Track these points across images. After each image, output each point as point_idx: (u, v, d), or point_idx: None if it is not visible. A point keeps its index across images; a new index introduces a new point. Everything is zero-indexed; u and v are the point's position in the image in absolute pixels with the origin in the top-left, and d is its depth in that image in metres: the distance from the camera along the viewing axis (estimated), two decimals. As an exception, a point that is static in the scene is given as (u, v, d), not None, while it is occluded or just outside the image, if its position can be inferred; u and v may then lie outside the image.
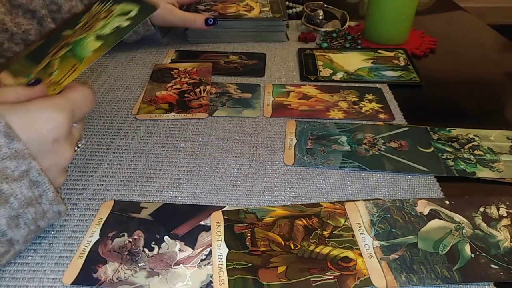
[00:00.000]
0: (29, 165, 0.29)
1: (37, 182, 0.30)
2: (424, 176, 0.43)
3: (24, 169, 0.29)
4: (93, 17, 0.44)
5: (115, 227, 0.37)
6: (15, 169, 0.29)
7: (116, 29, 0.41)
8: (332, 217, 0.38)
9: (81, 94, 0.35)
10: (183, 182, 0.42)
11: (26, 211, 0.30)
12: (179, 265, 0.34)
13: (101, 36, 0.40)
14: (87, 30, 0.42)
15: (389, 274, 0.33)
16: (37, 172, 0.30)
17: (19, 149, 0.29)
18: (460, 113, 0.55)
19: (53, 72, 0.39)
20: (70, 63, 0.39)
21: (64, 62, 0.39)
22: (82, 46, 0.40)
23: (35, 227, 0.32)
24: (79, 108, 0.34)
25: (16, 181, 0.29)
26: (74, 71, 0.38)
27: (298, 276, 0.33)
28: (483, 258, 0.34)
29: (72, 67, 0.38)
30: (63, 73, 0.38)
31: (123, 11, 0.43)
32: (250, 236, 0.36)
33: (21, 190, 0.29)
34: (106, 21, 0.42)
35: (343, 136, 0.49)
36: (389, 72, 0.63)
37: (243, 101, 0.56)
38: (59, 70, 0.39)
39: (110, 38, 0.40)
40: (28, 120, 0.30)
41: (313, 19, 0.77)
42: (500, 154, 0.46)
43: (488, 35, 0.80)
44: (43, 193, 0.31)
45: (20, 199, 0.29)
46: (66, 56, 0.40)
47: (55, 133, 0.31)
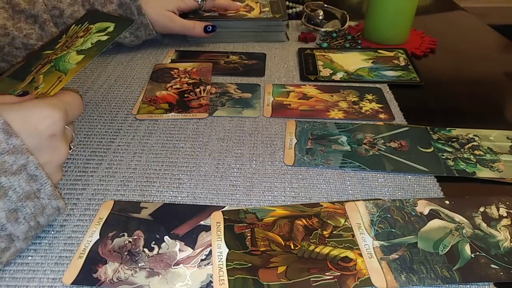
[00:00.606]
0: (26, 160, 0.31)
1: (34, 176, 0.31)
2: (424, 176, 0.43)
3: (22, 164, 0.30)
4: (71, 37, 0.47)
5: (115, 227, 0.37)
6: (13, 163, 0.30)
7: (96, 43, 0.43)
8: (332, 217, 0.38)
9: (72, 98, 0.36)
10: (183, 182, 0.42)
11: (25, 204, 0.31)
12: (179, 265, 0.34)
13: (83, 50, 0.43)
14: (67, 47, 0.44)
15: (389, 274, 0.33)
16: (34, 166, 0.31)
17: (17, 144, 0.30)
18: (460, 113, 0.55)
19: (39, 86, 0.41)
20: (55, 76, 0.41)
21: (48, 76, 0.41)
22: (65, 61, 0.42)
23: (35, 223, 0.32)
24: (72, 109, 0.36)
25: (15, 174, 0.30)
26: (60, 81, 0.40)
27: (298, 276, 0.33)
28: (483, 258, 0.34)
29: (58, 79, 0.40)
30: (49, 85, 0.40)
31: (101, 28, 0.45)
32: (250, 236, 0.36)
33: (19, 183, 0.30)
34: (85, 38, 0.44)
35: (343, 136, 0.49)
36: (389, 72, 0.63)
37: (243, 101, 0.56)
38: (44, 84, 0.40)
39: (92, 51, 0.43)
40: (25, 117, 0.32)
41: (313, 19, 0.77)
42: (500, 154, 0.46)
43: (488, 35, 0.80)
44: (41, 187, 0.32)
45: (19, 192, 0.30)
46: (50, 71, 0.42)
47: (51, 129, 0.33)
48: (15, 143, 0.30)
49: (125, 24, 0.46)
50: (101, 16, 0.49)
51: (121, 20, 0.47)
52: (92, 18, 0.48)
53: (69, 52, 0.43)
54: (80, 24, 0.49)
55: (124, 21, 0.47)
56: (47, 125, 0.32)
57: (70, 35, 0.47)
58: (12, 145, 0.30)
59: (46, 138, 0.32)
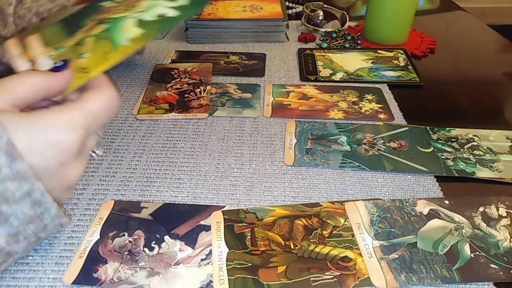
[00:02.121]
0: (31, 187, 0.27)
1: (39, 201, 0.28)
2: (423, 176, 0.43)
3: (26, 191, 0.27)
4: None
5: (115, 227, 0.37)
6: (16, 190, 0.26)
7: (159, 17, 0.35)
8: (332, 217, 0.38)
9: (103, 102, 0.31)
10: (183, 182, 0.42)
11: (26, 227, 0.28)
12: (179, 264, 0.34)
13: (142, 22, 0.35)
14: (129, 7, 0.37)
15: (389, 273, 0.33)
16: (40, 193, 0.28)
17: (21, 170, 0.26)
18: (460, 113, 0.55)
19: (83, 53, 0.34)
20: (104, 48, 0.34)
21: (97, 44, 0.35)
22: (120, 28, 0.35)
23: (35, 238, 0.30)
24: (99, 120, 0.31)
25: (17, 202, 0.27)
26: (106, 60, 0.33)
27: (298, 276, 0.33)
28: (482, 258, 0.34)
29: (105, 55, 0.34)
30: (94, 58, 0.34)
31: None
32: (250, 236, 0.36)
33: (22, 210, 0.27)
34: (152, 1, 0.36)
35: (343, 136, 0.49)
36: (389, 72, 0.63)
37: (243, 101, 0.56)
38: (91, 54, 0.34)
39: (152, 29, 0.35)
40: (33, 139, 0.27)
41: (313, 19, 0.78)
42: (500, 154, 0.46)
43: (488, 35, 0.80)
44: (45, 210, 0.29)
45: (21, 218, 0.28)
46: (101, 37, 0.35)
47: (61, 157, 0.28)
48: (19, 169, 0.26)
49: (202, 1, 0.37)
50: None
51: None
52: None
53: (129, 16, 0.36)
54: None
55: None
56: (57, 153, 0.28)
57: None
58: (16, 170, 0.26)
59: (55, 166, 0.28)
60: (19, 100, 0.28)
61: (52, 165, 0.28)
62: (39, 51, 0.34)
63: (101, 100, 0.31)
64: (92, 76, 0.32)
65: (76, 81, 0.32)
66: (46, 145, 0.27)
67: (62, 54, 0.34)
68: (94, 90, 0.31)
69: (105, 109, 0.31)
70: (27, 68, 0.33)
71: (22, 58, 0.34)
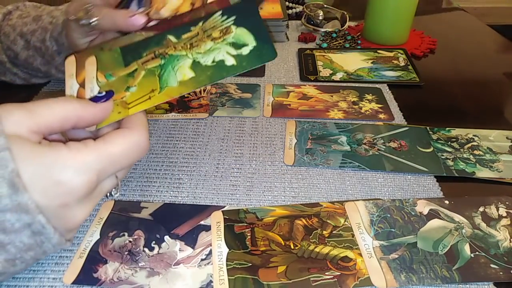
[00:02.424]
0: (33, 219, 0.25)
1: (39, 232, 0.26)
2: (423, 176, 0.43)
3: (27, 222, 0.25)
4: (205, 31, 0.36)
5: (115, 227, 0.37)
6: (15, 221, 0.25)
7: (217, 63, 0.34)
8: (332, 217, 0.38)
9: (128, 145, 0.29)
10: (183, 182, 0.42)
11: (24, 254, 0.27)
12: (179, 264, 0.34)
13: (198, 65, 0.34)
14: (191, 46, 0.35)
15: (389, 273, 0.33)
16: (41, 225, 0.26)
17: (23, 202, 0.25)
18: (460, 113, 0.55)
19: (131, 87, 0.34)
20: (151, 85, 0.34)
21: (146, 80, 0.34)
22: (174, 67, 0.34)
23: (33, 261, 0.29)
24: (118, 163, 0.29)
25: (16, 232, 0.25)
26: (149, 99, 0.33)
27: (298, 276, 0.33)
28: (482, 258, 0.34)
29: (149, 93, 0.33)
30: (139, 95, 0.33)
31: (238, 40, 0.35)
32: (250, 236, 0.36)
33: (20, 239, 0.26)
34: (215, 45, 0.35)
35: (343, 136, 0.49)
36: (389, 72, 0.63)
37: (243, 101, 0.56)
38: (137, 88, 0.33)
39: (204, 75, 0.34)
40: (37, 174, 0.25)
41: (313, 19, 0.78)
42: (500, 154, 0.46)
43: (488, 35, 0.80)
44: (45, 239, 0.27)
45: (19, 246, 0.26)
46: (153, 72, 0.34)
47: (63, 198, 0.26)
48: (21, 201, 0.25)
49: (264, 54, 0.34)
50: (251, 19, 0.36)
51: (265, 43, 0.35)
52: (243, 14, 0.36)
53: (187, 55, 0.35)
54: (226, 16, 0.37)
55: (265, 49, 0.34)
56: (58, 193, 0.26)
57: (206, 27, 0.36)
58: (17, 202, 0.24)
59: (55, 207, 0.26)
60: (44, 127, 0.27)
61: (52, 205, 0.26)
62: (91, 75, 0.33)
63: (126, 144, 0.29)
64: (132, 113, 0.31)
65: (113, 116, 0.31)
66: (50, 183, 0.26)
67: (110, 83, 0.34)
68: (123, 131, 0.30)
69: (128, 154, 0.29)
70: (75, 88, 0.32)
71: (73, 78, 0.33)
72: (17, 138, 0.25)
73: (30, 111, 0.27)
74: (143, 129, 0.30)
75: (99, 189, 0.30)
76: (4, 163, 0.24)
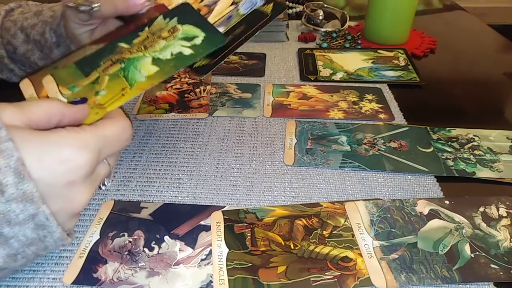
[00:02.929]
0: (37, 210, 0.26)
1: (43, 225, 0.27)
2: (424, 176, 0.43)
3: (31, 213, 0.26)
4: (153, 33, 0.39)
5: (115, 227, 0.37)
6: (20, 212, 0.26)
7: (176, 55, 0.36)
8: (332, 217, 0.38)
9: (117, 128, 0.31)
10: (183, 182, 0.42)
11: (26, 249, 0.28)
12: (179, 265, 0.34)
13: (159, 61, 0.36)
14: (145, 48, 0.37)
15: (389, 274, 0.33)
16: (45, 216, 0.27)
17: (28, 191, 0.25)
18: (460, 113, 0.55)
19: (99, 91, 0.35)
20: (120, 86, 0.35)
21: (113, 82, 0.35)
22: (136, 67, 0.36)
23: (34, 256, 0.29)
24: (111, 146, 0.31)
25: (20, 224, 0.26)
26: (122, 96, 0.34)
27: (298, 276, 0.33)
28: (482, 258, 0.34)
29: (121, 91, 0.34)
30: (110, 95, 0.34)
31: (188, 35, 0.38)
32: (250, 236, 0.36)
33: (24, 233, 0.26)
34: (168, 42, 0.37)
35: (343, 136, 0.49)
36: (389, 72, 0.63)
37: (243, 101, 0.56)
38: (106, 91, 0.35)
39: (168, 66, 0.36)
40: (42, 155, 0.26)
41: (313, 19, 0.78)
42: (500, 154, 0.46)
43: (488, 35, 0.80)
44: (48, 234, 0.28)
45: (22, 240, 0.27)
46: (116, 75, 0.36)
47: (70, 175, 0.27)
48: (26, 189, 0.25)
49: (215, 41, 0.38)
50: (193, 16, 0.39)
51: (212, 33, 0.38)
52: (183, 14, 0.39)
53: (145, 55, 0.36)
54: (168, 18, 0.39)
55: (215, 37, 0.38)
56: (66, 169, 0.27)
57: (153, 30, 0.39)
58: (23, 191, 0.25)
59: (62, 185, 0.27)
60: (33, 121, 0.28)
61: (60, 183, 0.27)
62: (53, 90, 0.35)
63: (115, 127, 0.31)
64: (109, 110, 0.33)
65: (92, 116, 0.33)
66: (56, 161, 0.27)
67: (77, 93, 0.35)
68: (108, 119, 0.32)
69: (118, 136, 0.31)
70: None
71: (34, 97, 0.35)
72: (16, 128, 0.27)
73: (20, 107, 0.28)
74: (125, 117, 0.33)
75: (97, 173, 0.31)
76: (9, 153, 0.25)
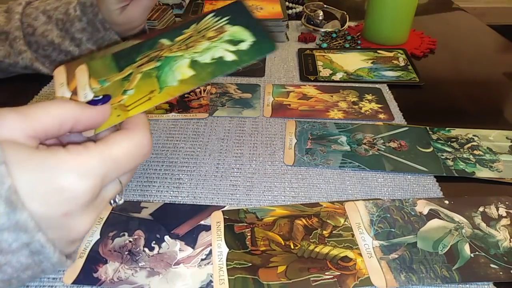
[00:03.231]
0: (31, 239, 0.23)
1: (38, 251, 0.24)
2: (423, 176, 0.43)
3: (25, 242, 0.23)
4: (199, 32, 0.36)
5: (115, 226, 0.37)
6: (13, 241, 0.23)
7: (217, 60, 0.33)
8: (332, 216, 0.38)
9: (132, 145, 0.27)
10: (183, 182, 0.42)
11: (21, 274, 0.25)
12: (179, 264, 0.34)
13: (196, 64, 0.32)
14: (186, 47, 0.34)
15: (389, 273, 0.33)
16: (40, 245, 0.24)
17: (21, 220, 0.23)
18: (460, 113, 0.55)
19: (128, 90, 0.32)
20: (149, 87, 0.32)
21: (144, 82, 0.32)
22: (172, 68, 0.33)
23: (31, 279, 0.27)
24: (122, 167, 0.27)
25: (13, 252, 0.23)
26: (149, 99, 0.31)
27: (298, 276, 0.33)
28: (482, 257, 0.34)
29: (149, 94, 0.31)
30: (137, 97, 0.31)
31: (234, 37, 0.34)
32: (250, 235, 0.36)
33: (18, 259, 0.24)
34: (211, 43, 0.34)
35: (343, 136, 0.49)
36: (389, 72, 0.63)
37: (243, 101, 0.56)
38: (135, 91, 0.32)
39: (205, 72, 0.32)
40: (36, 182, 0.23)
41: (313, 19, 0.78)
42: (500, 154, 0.46)
43: (488, 35, 0.80)
44: (44, 259, 0.25)
45: (16, 266, 0.24)
46: (149, 75, 0.33)
47: (65, 206, 0.24)
48: (19, 219, 0.23)
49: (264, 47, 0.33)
50: (245, 16, 0.36)
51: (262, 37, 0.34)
52: (235, 13, 0.36)
53: (183, 56, 0.33)
54: (220, 17, 0.36)
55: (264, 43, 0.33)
56: (60, 201, 0.24)
57: (199, 28, 0.36)
58: (15, 221, 0.22)
59: (57, 216, 0.24)
60: (40, 131, 0.25)
61: (54, 214, 0.24)
62: (83, 82, 0.32)
63: (129, 145, 0.27)
64: (131, 115, 0.30)
65: (113, 118, 0.30)
66: (50, 190, 0.23)
67: (105, 88, 0.32)
68: (124, 132, 0.28)
69: (131, 156, 0.27)
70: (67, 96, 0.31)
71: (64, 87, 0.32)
72: (12, 144, 0.24)
73: (25, 115, 0.25)
74: (145, 129, 0.29)
75: (102, 196, 0.28)
76: (0, 180, 0.22)
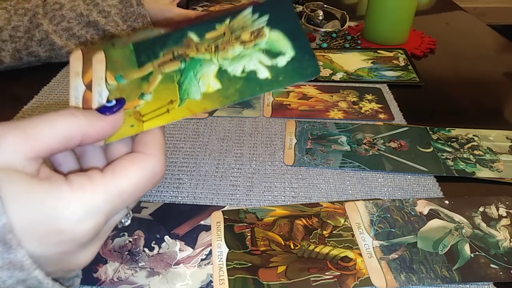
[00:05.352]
0: (28, 276, 0.22)
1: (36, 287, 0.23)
2: (423, 176, 0.43)
3: (21, 279, 0.22)
4: (233, 31, 0.30)
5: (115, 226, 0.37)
6: (7, 279, 0.21)
7: (248, 74, 0.28)
8: (332, 217, 0.38)
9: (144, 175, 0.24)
10: (183, 182, 0.42)
11: None
12: (179, 264, 0.34)
13: (225, 74, 0.28)
14: (216, 49, 0.29)
15: (389, 273, 0.33)
16: (37, 281, 0.22)
17: (16, 260, 0.21)
18: (460, 113, 0.55)
19: (145, 93, 0.28)
20: (169, 95, 0.28)
21: (164, 86, 0.28)
22: (196, 75, 0.28)
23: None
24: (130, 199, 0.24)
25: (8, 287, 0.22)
26: (167, 112, 0.27)
27: (298, 276, 0.33)
28: (482, 258, 0.34)
29: (168, 104, 0.28)
30: (155, 105, 0.28)
31: (272, 47, 0.28)
32: (250, 236, 0.36)
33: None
34: (245, 49, 0.29)
35: (343, 136, 0.49)
36: (389, 72, 0.63)
37: (243, 101, 0.56)
38: (153, 96, 0.28)
39: (232, 88, 0.27)
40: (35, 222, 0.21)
41: (313, 19, 0.78)
42: (500, 154, 0.46)
43: (488, 35, 0.80)
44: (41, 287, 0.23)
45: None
46: (171, 78, 0.28)
47: (65, 247, 0.22)
48: (13, 259, 0.21)
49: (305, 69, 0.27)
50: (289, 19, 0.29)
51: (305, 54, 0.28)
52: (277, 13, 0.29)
53: (211, 60, 0.28)
54: (257, 14, 0.29)
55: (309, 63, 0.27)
56: (59, 242, 0.22)
57: (234, 26, 0.30)
58: (9, 260, 0.21)
59: (54, 255, 0.22)
60: (44, 150, 0.23)
61: (53, 254, 0.22)
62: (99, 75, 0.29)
63: (139, 175, 0.24)
64: (146, 128, 0.27)
65: (125, 129, 0.27)
66: (49, 232, 0.22)
67: (121, 88, 0.29)
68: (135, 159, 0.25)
69: (141, 186, 0.24)
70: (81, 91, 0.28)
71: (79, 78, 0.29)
72: (11, 174, 0.21)
73: (27, 134, 0.22)
74: (159, 153, 0.26)
75: (108, 226, 0.26)
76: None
